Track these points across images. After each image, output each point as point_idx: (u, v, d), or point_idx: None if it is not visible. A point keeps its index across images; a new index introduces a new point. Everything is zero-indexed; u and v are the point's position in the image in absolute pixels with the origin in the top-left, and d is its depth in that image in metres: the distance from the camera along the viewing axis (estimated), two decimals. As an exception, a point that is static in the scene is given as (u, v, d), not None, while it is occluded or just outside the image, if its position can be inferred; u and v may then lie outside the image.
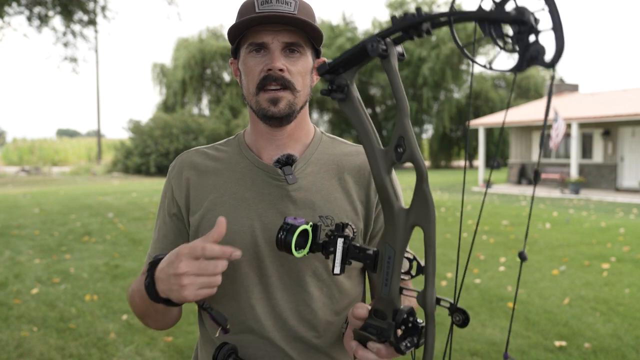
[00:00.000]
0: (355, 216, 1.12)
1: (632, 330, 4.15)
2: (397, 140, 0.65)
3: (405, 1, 32.86)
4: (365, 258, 0.78)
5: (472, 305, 4.75)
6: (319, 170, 1.14)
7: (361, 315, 0.85)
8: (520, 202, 13.49)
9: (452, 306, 0.73)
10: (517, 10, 0.58)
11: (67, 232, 8.57)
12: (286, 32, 1.05)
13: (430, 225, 0.66)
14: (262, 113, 1.08)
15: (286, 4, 1.04)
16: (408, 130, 0.64)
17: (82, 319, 4.39)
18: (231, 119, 29.14)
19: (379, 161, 0.66)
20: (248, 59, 1.07)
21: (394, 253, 0.69)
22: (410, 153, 0.65)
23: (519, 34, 0.59)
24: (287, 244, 0.86)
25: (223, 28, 32.57)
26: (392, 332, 0.74)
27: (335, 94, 0.70)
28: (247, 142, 1.17)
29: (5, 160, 35.73)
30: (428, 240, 0.67)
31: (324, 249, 0.86)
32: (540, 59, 0.57)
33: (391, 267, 0.70)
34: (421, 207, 0.66)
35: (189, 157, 1.19)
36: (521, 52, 0.59)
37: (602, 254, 6.87)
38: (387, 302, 0.72)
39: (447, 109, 30.94)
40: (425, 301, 0.69)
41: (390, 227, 0.69)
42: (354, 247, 0.81)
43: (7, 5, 9.22)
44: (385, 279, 0.71)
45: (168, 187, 1.19)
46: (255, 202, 1.10)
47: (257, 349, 1.09)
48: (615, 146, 16.91)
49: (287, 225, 0.87)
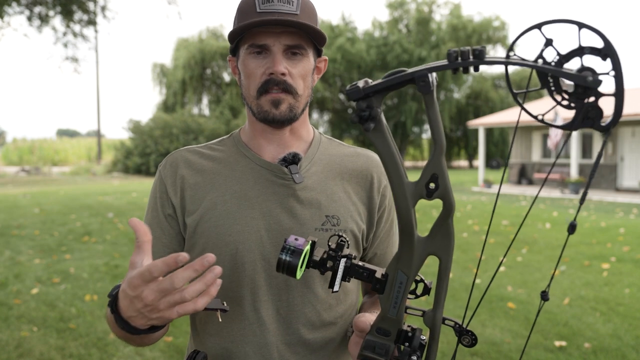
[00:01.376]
0: (359, 217, 1.12)
1: (632, 330, 4.15)
2: (430, 176, 0.64)
3: (405, 1, 32.84)
4: (373, 280, 0.77)
5: (472, 305, 4.75)
6: (322, 170, 1.13)
7: (363, 328, 0.86)
8: (520, 202, 13.49)
9: (459, 327, 0.77)
10: (585, 70, 0.57)
11: (67, 232, 8.57)
12: (288, 34, 1.03)
13: (448, 256, 0.69)
14: (263, 116, 1.06)
15: (288, 3, 1.02)
16: (443, 169, 0.64)
17: (82, 319, 4.39)
18: (231, 119, 29.14)
19: (407, 195, 0.64)
20: (249, 60, 1.05)
21: (407, 279, 0.71)
22: (444, 191, 0.65)
23: (579, 94, 0.58)
24: (293, 267, 0.80)
25: (223, 28, 32.59)
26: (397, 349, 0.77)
27: (368, 124, 0.63)
28: (245, 141, 1.15)
29: (5, 160, 35.72)
30: (444, 269, 0.70)
31: (321, 266, 0.81)
32: (596, 124, 0.58)
33: (402, 292, 0.72)
34: (443, 239, 0.69)
35: (182, 156, 1.14)
36: (578, 112, 0.59)
37: (602, 254, 6.87)
38: (395, 322, 0.74)
39: (447, 109, 30.93)
40: (434, 322, 0.73)
41: (407, 256, 0.69)
42: (357, 266, 0.80)
43: (7, 5, 9.22)
44: (394, 302, 0.73)
45: (161, 186, 1.12)
46: (260, 201, 1.08)
47: (257, 354, 1.07)
48: (615, 146, 16.91)
49: (289, 247, 0.80)
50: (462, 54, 0.58)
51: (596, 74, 0.57)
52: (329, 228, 1.08)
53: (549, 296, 0.68)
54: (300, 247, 0.80)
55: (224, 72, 32.03)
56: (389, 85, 0.62)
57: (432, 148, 0.64)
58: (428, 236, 0.69)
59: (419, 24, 32.35)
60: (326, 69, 1.19)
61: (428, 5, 32.58)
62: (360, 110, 0.62)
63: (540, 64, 0.59)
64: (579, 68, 0.58)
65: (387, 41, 32.28)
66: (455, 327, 0.79)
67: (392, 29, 33.06)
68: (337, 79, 31.80)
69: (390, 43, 31.95)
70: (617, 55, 0.57)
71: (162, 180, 1.12)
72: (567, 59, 0.58)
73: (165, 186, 1.12)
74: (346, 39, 31.78)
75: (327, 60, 1.17)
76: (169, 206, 1.11)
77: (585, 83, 0.56)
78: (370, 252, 1.19)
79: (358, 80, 0.64)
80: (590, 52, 0.57)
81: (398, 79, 0.61)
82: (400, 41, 31.70)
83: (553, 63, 0.58)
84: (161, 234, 1.11)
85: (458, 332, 0.78)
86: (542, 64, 0.59)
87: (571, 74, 0.57)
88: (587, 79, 0.56)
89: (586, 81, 0.56)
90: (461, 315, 3.37)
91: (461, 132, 33.73)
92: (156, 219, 1.11)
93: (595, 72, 0.57)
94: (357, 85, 0.63)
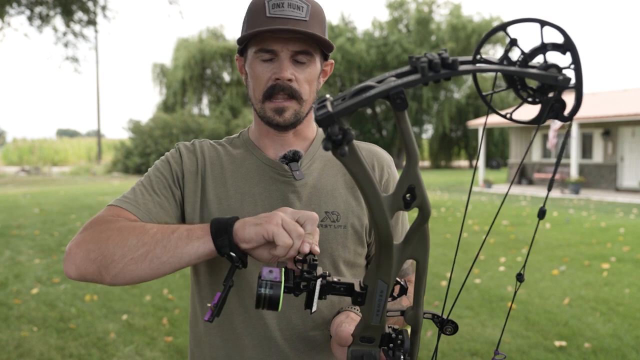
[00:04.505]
0: (361, 211, 1.13)
1: (632, 330, 4.15)
2: (407, 189, 0.64)
3: (405, 1, 32.85)
4: (352, 294, 0.78)
5: (472, 305, 4.75)
6: (323, 166, 1.15)
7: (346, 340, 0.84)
8: (520, 202, 13.49)
9: (439, 318, 0.80)
10: (550, 68, 0.59)
11: (67, 232, 8.57)
12: (296, 41, 1.04)
13: (425, 258, 0.71)
14: (267, 120, 1.09)
15: (298, 8, 1.03)
16: (419, 179, 0.64)
17: (82, 319, 4.39)
18: (231, 119, 29.15)
19: (384, 209, 0.64)
20: (256, 63, 1.07)
21: (387, 287, 0.71)
22: (421, 201, 0.65)
23: (543, 88, 0.61)
24: (275, 300, 0.77)
25: (223, 28, 32.68)
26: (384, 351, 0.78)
27: (342, 148, 0.55)
28: (252, 139, 1.18)
29: (5, 160, 35.71)
30: (422, 269, 0.71)
31: (295, 290, 0.80)
32: (560, 115, 0.61)
33: (383, 300, 0.73)
34: (420, 243, 0.70)
35: (201, 145, 1.17)
36: (544, 107, 0.61)
37: (602, 254, 6.87)
38: (378, 328, 0.75)
39: (447, 109, 30.94)
40: (416, 320, 0.75)
41: (386, 265, 0.70)
42: (333, 283, 0.79)
43: (8, 5, 9.22)
44: (377, 310, 0.73)
45: (176, 157, 1.13)
46: (262, 198, 1.10)
47: (258, 349, 1.08)
48: (615, 146, 16.90)
49: (266, 282, 0.77)
50: (432, 64, 0.55)
51: (561, 70, 0.59)
52: (329, 224, 1.10)
53: (524, 277, 0.72)
54: (278, 279, 0.78)
55: (224, 72, 32.05)
56: (361, 104, 0.56)
57: (406, 160, 0.64)
58: (404, 242, 0.70)
59: (419, 24, 32.36)
60: (332, 71, 1.21)
61: (428, 5, 32.58)
62: (333, 135, 0.54)
63: (506, 64, 0.61)
64: (542, 65, 0.60)
65: (387, 41, 32.30)
66: (434, 319, 0.81)
67: (392, 29, 33.07)
68: (337, 79, 31.81)
69: (390, 43, 31.96)
70: (576, 49, 0.60)
71: (182, 153, 1.14)
72: (532, 57, 0.61)
73: (183, 158, 1.13)
74: (346, 39, 31.81)
75: (333, 64, 1.19)
76: (180, 172, 1.11)
77: (557, 82, 0.59)
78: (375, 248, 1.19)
79: (320, 99, 0.57)
80: (553, 49, 0.60)
81: (371, 98, 0.56)
82: (400, 41, 31.70)
83: (518, 62, 0.61)
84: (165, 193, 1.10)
85: (439, 323, 0.81)
86: (507, 64, 0.61)
87: (541, 74, 0.59)
88: (557, 78, 0.58)
89: (557, 81, 0.58)
90: (461, 315, 3.38)
91: (461, 132, 33.73)
92: (159, 178, 1.10)
93: (560, 69, 0.60)
94: (326, 108, 0.55)
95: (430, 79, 0.56)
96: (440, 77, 0.56)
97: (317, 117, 0.55)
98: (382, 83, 0.57)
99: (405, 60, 31.52)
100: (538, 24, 0.60)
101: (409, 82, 0.56)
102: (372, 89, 0.56)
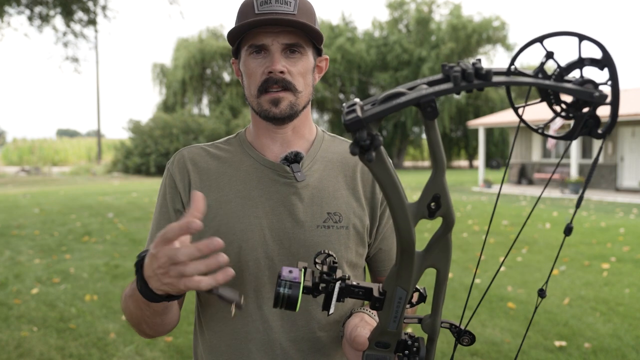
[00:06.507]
0: (362, 212, 1.13)
1: (632, 330, 4.15)
2: (432, 197, 0.64)
3: (405, 1, 32.85)
4: (371, 299, 0.77)
5: (472, 305, 4.75)
6: (324, 167, 1.15)
7: (362, 345, 0.85)
8: (520, 202, 13.49)
9: (457, 328, 0.80)
10: (586, 83, 0.58)
11: (67, 232, 8.57)
12: (286, 33, 1.04)
13: (447, 267, 0.70)
14: (264, 114, 1.08)
15: (286, 3, 1.04)
16: (445, 188, 0.64)
17: (82, 319, 4.39)
18: (231, 119, 29.16)
19: (409, 216, 0.64)
20: (249, 60, 1.07)
21: (406, 294, 0.71)
22: (445, 210, 0.65)
23: (578, 104, 0.59)
24: (294, 300, 0.77)
25: (223, 28, 32.60)
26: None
27: (370, 154, 0.55)
28: (250, 140, 1.17)
29: (5, 160, 35.72)
30: (442, 278, 0.71)
31: (314, 291, 0.79)
32: (594, 132, 0.59)
33: (401, 307, 0.73)
34: (442, 252, 0.70)
35: (190, 153, 1.16)
36: (578, 122, 0.60)
37: (602, 254, 6.87)
38: (395, 335, 0.75)
39: (447, 109, 30.93)
40: (433, 329, 0.75)
41: (406, 273, 0.69)
42: (352, 286, 0.79)
43: (8, 5, 9.22)
44: (394, 317, 0.73)
45: (170, 182, 1.14)
46: (262, 200, 1.09)
47: (261, 351, 1.08)
48: (615, 146, 16.91)
49: (285, 282, 0.78)
50: (465, 74, 0.55)
51: (597, 86, 0.58)
52: (331, 225, 1.09)
53: (546, 293, 0.70)
54: (297, 280, 0.78)
55: (224, 72, 32.05)
56: (390, 111, 0.56)
57: (433, 169, 0.63)
58: (426, 250, 0.69)
59: (419, 24, 32.35)
60: (327, 68, 1.20)
61: (428, 5, 32.58)
62: (361, 140, 0.54)
63: (541, 77, 0.59)
64: (579, 80, 0.58)
65: (387, 41, 32.30)
66: (452, 329, 0.80)
67: (392, 29, 33.07)
68: (337, 79, 31.81)
69: (390, 43, 31.96)
70: (614, 65, 0.58)
71: (172, 176, 1.14)
72: (568, 71, 0.59)
73: (175, 181, 1.13)
74: (346, 39, 31.80)
75: (328, 60, 1.19)
76: (178, 201, 1.12)
77: (593, 99, 0.57)
78: (375, 248, 1.19)
79: (349, 103, 0.58)
80: (590, 64, 0.59)
81: (402, 105, 0.56)
82: (400, 41, 31.70)
83: (554, 76, 0.59)
84: None
85: (456, 333, 0.80)
86: (542, 77, 0.59)
87: (577, 90, 0.57)
88: (593, 94, 0.57)
89: (593, 97, 0.57)
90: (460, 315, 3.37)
91: (461, 132, 33.73)
92: (166, 214, 1.12)
93: (596, 85, 0.58)
94: (355, 113, 0.55)
95: (462, 88, 0.56)
96: (473, 87, 0.56)
97: (345, 122, 0.54)
98: (413, 90, 0.57)
99: (406, 60, 31.54)
100: (576, 38, 0.58)
101: (440, 91, 0.55)
102: (402, 95, 0.56)
